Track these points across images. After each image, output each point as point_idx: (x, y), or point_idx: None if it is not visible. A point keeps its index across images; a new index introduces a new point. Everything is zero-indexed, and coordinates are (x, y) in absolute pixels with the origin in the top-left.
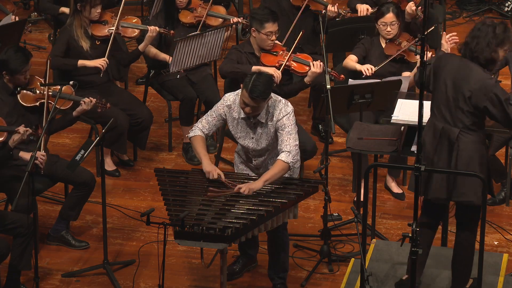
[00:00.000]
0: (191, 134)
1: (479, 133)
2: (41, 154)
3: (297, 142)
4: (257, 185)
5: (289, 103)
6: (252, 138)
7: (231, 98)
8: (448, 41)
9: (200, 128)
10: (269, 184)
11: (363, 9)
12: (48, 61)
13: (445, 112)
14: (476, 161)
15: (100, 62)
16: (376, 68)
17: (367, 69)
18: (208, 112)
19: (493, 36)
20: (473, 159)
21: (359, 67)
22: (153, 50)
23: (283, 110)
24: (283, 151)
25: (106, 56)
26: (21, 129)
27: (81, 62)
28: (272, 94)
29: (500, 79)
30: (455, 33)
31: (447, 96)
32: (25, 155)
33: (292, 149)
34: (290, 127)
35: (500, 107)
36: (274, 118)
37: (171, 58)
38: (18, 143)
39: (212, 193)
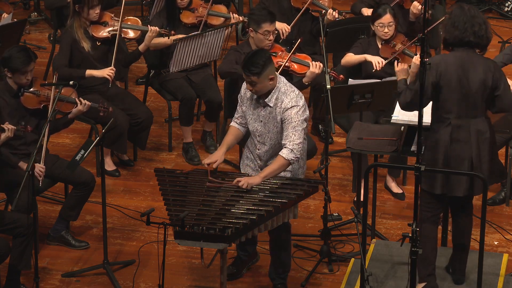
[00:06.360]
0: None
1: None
2: (40, 167)
3: (302, 140)
4: (255, 180)
5: (303, 97)
6: (261, 121)
7: None
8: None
9: (235, 118)
10: (269, 184)
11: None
12: (55, 76)
13: (466, 108)
14: (494, 142)
15: (107, 72)
16: (385, 62)
17: (378, 62)
18: None
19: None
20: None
21: (369, 58)
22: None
23: (294, 101)
24: (285, 147)
25: (112, 64)
26: (6, 126)
27: (88, 72)
28: (288, 83)
29: None
30: None
31: (462, 93)
32: (24, 166)
33: (295, 147)
34: (296, 122)
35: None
36: (283, 105)
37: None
38: (6, 140)
39: (211, 183)
